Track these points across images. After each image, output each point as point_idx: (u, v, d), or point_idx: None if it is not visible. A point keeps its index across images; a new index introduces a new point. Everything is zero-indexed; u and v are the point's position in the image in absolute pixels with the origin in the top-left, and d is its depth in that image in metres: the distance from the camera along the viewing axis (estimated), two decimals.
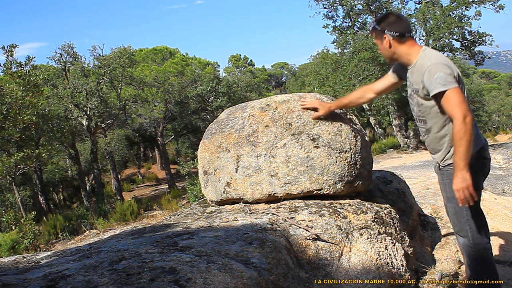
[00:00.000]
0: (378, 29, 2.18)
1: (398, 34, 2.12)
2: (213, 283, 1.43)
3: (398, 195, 3.15)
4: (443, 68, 1.99)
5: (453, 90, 1.95)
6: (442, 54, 2.19)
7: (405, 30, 2.14)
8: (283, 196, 2.54)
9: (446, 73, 1.97)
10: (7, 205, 15.63)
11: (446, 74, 1.97)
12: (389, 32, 2.13)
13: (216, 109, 19.52)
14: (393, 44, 2.16)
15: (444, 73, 1.97)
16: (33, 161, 11.51)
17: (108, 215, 11.76)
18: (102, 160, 20.94)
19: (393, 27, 2.13)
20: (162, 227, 2.28)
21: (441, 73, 1.98)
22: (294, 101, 2.70)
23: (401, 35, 2.13)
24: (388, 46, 2.17)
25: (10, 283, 1.37)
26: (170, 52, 23.07)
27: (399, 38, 2.13)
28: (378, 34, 2.19)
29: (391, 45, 2.17)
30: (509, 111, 32.75)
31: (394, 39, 2.14)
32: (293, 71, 48.50)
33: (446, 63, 2.03)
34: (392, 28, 2.13)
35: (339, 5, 15.90)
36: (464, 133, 1.89)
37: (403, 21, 2.18)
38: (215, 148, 2.70)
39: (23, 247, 8.43)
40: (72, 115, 15.08)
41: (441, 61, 2.03)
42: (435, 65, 2.01)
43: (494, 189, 5.22)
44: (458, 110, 1.92)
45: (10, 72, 10.44)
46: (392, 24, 2.14)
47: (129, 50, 16.04)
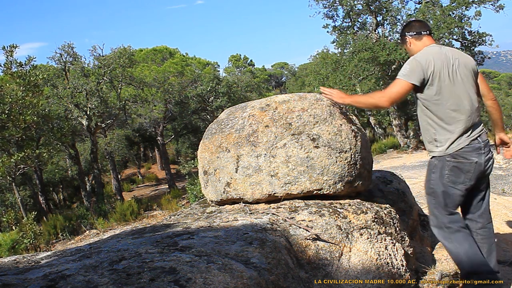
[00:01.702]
0: (402, 35, 2.53)
1: (415, 33, 2.44)
2: (213, 283, 1.43)
3: (398, 195, 3.15)
4: (410, 62, 2.31)
5: (398, 80, 2.30)
6: (432, 50, 2.35)
7: (421, 29, 2.43)
8: (283, 196, 2.54)
9: (407, 66, 2.30)
10: (7, 205, 15.63)
11: (407, 67, 2.30)
12: (408, 33, 2.46)
13: (216, 109, 19.53)
14: (412, 42, 2.46)
15: (406, 66, 2.31)
16: (33, 161, 11.52)
17: (108, 215, 11.76)
18: (102, 160, 20.94)
19: (411, 29, 2.46)
20: (162, 227, 2.28)
21: (407, 65, 2.31)
22: (294, 101, 2.70)
23: (418, 33, 2.43)
24: (409, 45, 2.47)
25: (10, 283, 1.37)
26: (170, 52, 23.07)
27: (417, 36, 2.43)
28: (402, 39, 2.53)
29: (411, 44, 2.47)
30: (509, 111, 32.72)
31: (412, 38, 2.45)
32: (293, 71, 48.51)
33: (418, 59, 2.30)
34: (410, 30, 2.47)
35: (339, 5, 15.91)
36: (370, 102, 2.44)
37: (421, 23, 2.49)
38: (215, 148, 2.70)
39: (23, 247, 8.44)
40: (72, 115, 15.08)
41: (416, 57, 2.33)
42: (409, 59, 2.34)
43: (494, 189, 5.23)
44: (386, 91, 2.33)
45: (10, 72, 10.44)
46: (411, 27, 2.47)
47: (129, 50, 16.05)
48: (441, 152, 2.34)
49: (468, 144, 2.28)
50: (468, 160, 2.28)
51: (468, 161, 2.28)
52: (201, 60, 24.18)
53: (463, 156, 2.28)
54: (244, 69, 36.90)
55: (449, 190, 2.34)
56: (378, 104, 2.38)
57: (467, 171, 2.29)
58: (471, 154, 2.28)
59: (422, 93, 2.33)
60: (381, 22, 16.11)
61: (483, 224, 2.43)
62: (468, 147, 2.28)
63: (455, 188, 2.33)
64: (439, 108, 2.29)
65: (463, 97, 2.29)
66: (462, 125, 2.27)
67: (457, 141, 2.28)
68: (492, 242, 2.43)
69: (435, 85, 2.27)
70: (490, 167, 2.38)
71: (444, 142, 2.31)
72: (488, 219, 2.45)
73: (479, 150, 2.29)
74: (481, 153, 2.29)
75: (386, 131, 24.62)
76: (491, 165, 2.38)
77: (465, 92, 2.30)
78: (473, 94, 2.34)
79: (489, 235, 2.43)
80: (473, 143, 2.29)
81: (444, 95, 2.27)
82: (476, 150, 2.29)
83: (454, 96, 2.28)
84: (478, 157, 2.29)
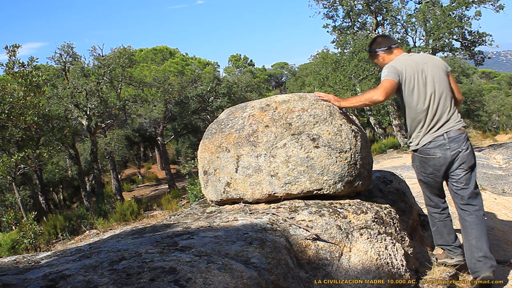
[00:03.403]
0: (373, 51, 2.77)
1: (386, 48, 2.71)
2: (213, 283, 1.43)
3: (398, 195, 3.15)
4: (386, 67, 2.60)
5: (384, 79, 2.54)
6: (402, 58, 2.65)
7: (391, 43, 2.72)
8: (283, 196, 2.54)
9: (386, 70, 2.57)
10: (7, 205, 15.63)
11: (385, 71, 2.57)
12: (379, 49, 2.72)
13: (216, 109, 19.52)
14: (384, 57, 2.72)
15: (385, 70, 2.58)
16: (33, 161, 11.51)
17: (108, 215, 11.76)
18: (102, 160, 20.93)
19: (381, 45, 2.73)
20: (162, 227, 2.28)
21: (385, 69, 2.59)
22: (294, 101, 2.70)
23: (389, 48, 2.71)
24: (382, 60, 2.72)
25: (10, 283, 1.37)
26: (170, 52, 23.06)
27: (388, 51, 2.71)
28: (374, 55, 2.78)
29: (384, 59, 2.72)
30: (509, 111, 32.72)
31: (384, 53, 2.72)
32: (293, 71, 48.50)
33: (392, 64, 2.59)
34: (380, 46, 2.73)
35: (339, 5, 15.89)
36: (366, 97, 2.51)
37: (387, 37, 2.82)
38: (215, 148, 2.70)
39: (23, 247, 8.43)
40: (72, 115, 15.07)
41: (390, 63, 2.62)
42: (385, 66, 2.63)
43: (494, 189, 5.23)
44: (379, 86, 2.53)
45: (12, 72, 10.44)
46: (380, 43, 2.74)
47: (129, 50, 16.05)
48: (413, 148, 2.68)
49: (431, 141, 2.55)
50: (431, 155, 2.57)
51: (431, 156, 2.57)
52: (201, 60, 24.17)
53: (426, 152, 2.59)
54: (244, 69, 36.89)
55: (424, 179, 2.73)
56: (374, 98, 2.51)
57: (433, 164, 2.59)
58: (434, 150, 2.55)
59: (400, 96, 2.62)
60: (381, 22, 16.11)
61: (470, 211, 2.60)
62: (432, 143, 2.55)
63: (428, 177, 2.68)
64: (411, 109, 2.59)
65: (431, 98, 2.54)
66: (428, 123, 2.55)
67: (423, 138, 2.58)
68: (482, 229, 2.57)
69: (407, 88, 2.55)
70: (462, 160, 2.56)
71: (415, 139, 2.64)
72: (476, 207, 2.60)
73: (443, 146, 2.51)
74: (445, 148, 2.53)
75: (386, 131, 24.63)
76: (463, 158, 2.56)
77: (433, 92, 2.55)
78: (444, 92, 2.57)
79: (477, 222, 2.58)
80: (438, 139, 2.53)
81: (414, 97, 2.56)
82: (440, 146, 2.53)
83: (422, 97, 2.54)
84: (442, 152, 2.53)
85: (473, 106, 23.30)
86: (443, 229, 2.79)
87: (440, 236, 2.82)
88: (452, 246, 2.76)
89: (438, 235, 2.83)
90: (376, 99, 2.50)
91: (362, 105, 2.67)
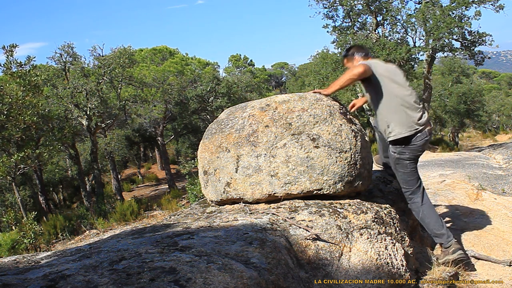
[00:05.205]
0: (350, 54, 3.05)
1: (364, 54, 3.04)
2: (213, 283, 1.43)
3: (398, 195, 3.15)
4: (361, 63, 2.83)
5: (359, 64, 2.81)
6: (374, 61, 2.93)
7: (367, 51, 3.07)
8: (283, 196, 2.54)
9: (359, 63, 2.80)
10: (7, 205, 15.61)
11: (359, 63, 2.80)
12: (357, 54, 3.02)
13: (216, 109, 19.49)
14: (360, 61, 2.93)
15: (359, 63, 2.82)
16: (33, 161, 11.50)
17: (108, 215, 11.75)
18: (102, 160, 20.91)
19: (359, 50, 3.05)
20: (162, 227, 2.28)
21: (359, 63, 2.85)
22: (294, 101, 2.70)
23: (366, 55, 3.04)
24: (357, 63, 2.88)
25: (10, 283, 1.37)
26: (170, 52, 23.04)
27: (365, 57, 3.01)
28: (351, 58, 3.04)
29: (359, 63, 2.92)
30: (509, 111, 32.72)
31: (361, 58, 3.00)
32: (293, 71, 48.47)
33: (366, 62, 2.82)
34: (359, 51, 3.05)
35: (339, 5, 15.88)
36: (347, 75, 2.68)
37: (364, 47, 3.14)
38: (215, 148, 2.70)
39: (23, 247, 8.43)
40: (72, 115, 15.06)
41: (364, 61, 2.87)
42: (359, 63, 2.87)
43: (494, 189, 5.22)
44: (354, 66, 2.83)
45: (10, 72, 10.43)
46: (359, 49, 3.07)
47: (129, 50, 16.02)
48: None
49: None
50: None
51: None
52: (201, 60, 24.16)
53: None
54: (244, 69, 36.87)
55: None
56: (354, 71, 2.68)
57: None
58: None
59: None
60: (381, 22, 16.11)
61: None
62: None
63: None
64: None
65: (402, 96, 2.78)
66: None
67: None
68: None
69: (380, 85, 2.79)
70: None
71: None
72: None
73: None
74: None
75: None
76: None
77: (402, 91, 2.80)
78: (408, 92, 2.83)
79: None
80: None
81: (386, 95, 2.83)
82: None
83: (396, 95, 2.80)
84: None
85: (473, 106, 23.26)
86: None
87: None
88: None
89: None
90: (357, 72, 2.66)
91: (347, 83, 2.72)
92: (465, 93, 22.51)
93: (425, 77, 16.18)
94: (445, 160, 7.93)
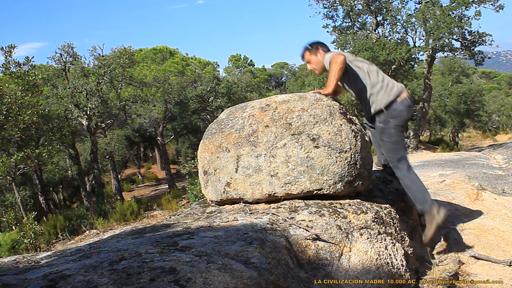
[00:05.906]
0: (315, 48, 3.07)
1: (326, 48, 3.09)
2: (213, 283, 1.43)
3: (398, 195, 3.15)
4: (331, 51, 3.03)
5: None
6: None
7: (328, 48, 3.12)
8: (283, 196, 2.54)
9: (332, 52, 3.01)
10: (7, 205, 15.61)
11: (333, 52, 2.97)
12: (321, 48, 3.06)
13: (216, 109, 19.49)
14: (323, 55, 3.01)
15: (330, 53, 2.98)
16: (33, 161, 11.50)
17: (108, 215, 11.75)
18: (102, 160, 20.90)
19: (323, 46, 3.09)
20: (162, 227, 2.28)
21: (330, 53, 2.97)
22: (294, 101, 2.70)
23: (328, 49, 3.09)
24: (321, 57, 3.02)
25: (10, 283, 1.37)
26: (170, 52, 23.04)
27: (327, 52, 3.04)
28: (315, 51, 3.06)
29: (322, 56, 3.01)
30: (509, 111, 32.73)
31: (324, 52, 3.03)
32: (293, 71, 48.46)
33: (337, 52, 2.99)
34: (323, 46, 3.08)
35: (339, 5, 15.88)
36: (334, 69, 2.75)
37: (325, 44, 3.18)
38: (215, 148, 2.70)
39: (23, 247, 8.43)
40: (72, 115, 15.06)
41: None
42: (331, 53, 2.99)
43: (494, 189, 5.22)
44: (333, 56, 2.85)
45: (9, 72, 10.44)
46: (322, 45, 3.10)
47: (129, 50, 16.01)
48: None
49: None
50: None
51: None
52: (201, 60, 24.16)
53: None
54: (244, 69, 36.87)
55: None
56: (338, 61, 2.74)
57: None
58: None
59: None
60: (381, 22, 16.11)
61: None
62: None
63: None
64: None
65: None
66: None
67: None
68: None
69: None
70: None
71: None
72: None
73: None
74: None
75: None
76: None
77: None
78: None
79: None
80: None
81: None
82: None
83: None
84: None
85: (473, 106, 23.26)
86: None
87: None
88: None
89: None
90: (340, 60, 2.73)
91: (339, 73, 2.77)
92: (465, 93, 22.50)
93: (425, 77, 16.18)
94: (445, 160, 7.93)
